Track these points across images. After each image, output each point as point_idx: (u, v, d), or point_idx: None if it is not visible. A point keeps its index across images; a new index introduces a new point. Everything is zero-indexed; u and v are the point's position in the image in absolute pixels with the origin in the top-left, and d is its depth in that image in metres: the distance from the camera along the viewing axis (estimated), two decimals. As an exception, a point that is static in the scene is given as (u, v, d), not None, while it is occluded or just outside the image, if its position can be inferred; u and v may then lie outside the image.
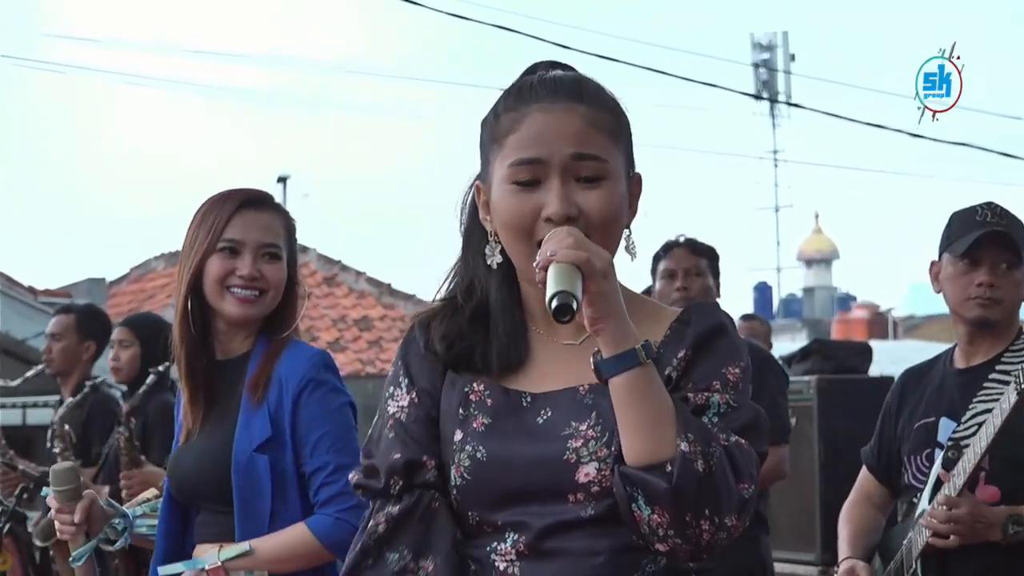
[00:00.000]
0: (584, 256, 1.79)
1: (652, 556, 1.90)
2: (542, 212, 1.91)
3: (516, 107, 1.96)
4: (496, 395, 1.98)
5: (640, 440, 1.81)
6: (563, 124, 1.93)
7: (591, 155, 1.93)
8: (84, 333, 5.76)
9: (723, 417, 1.88)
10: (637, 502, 1.81)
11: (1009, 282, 3.38)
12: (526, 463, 1.91)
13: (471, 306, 2.03)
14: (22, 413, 10.55)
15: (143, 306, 14.24)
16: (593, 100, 1.97)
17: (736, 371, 1.93)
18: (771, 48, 32.11)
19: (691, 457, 1.79)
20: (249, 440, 2.90)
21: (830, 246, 36.55)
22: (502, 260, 1.99)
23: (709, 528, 1.80)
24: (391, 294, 17.32)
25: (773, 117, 33.30)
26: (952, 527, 3.19)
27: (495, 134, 1.97)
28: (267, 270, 2.99)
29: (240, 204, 3.02)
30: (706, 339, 1.94)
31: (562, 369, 1.98)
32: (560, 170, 1.91)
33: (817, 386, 6.59)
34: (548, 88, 1.97)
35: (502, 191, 1.94)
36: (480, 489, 1.94)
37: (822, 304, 34.36)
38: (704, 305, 2.01)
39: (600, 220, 1.91)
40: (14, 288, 12.10)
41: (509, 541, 1.92)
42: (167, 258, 17.21)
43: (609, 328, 1.81)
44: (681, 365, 1.93)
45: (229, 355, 3.03)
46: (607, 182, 1.93)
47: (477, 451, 1.94)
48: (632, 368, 1.81)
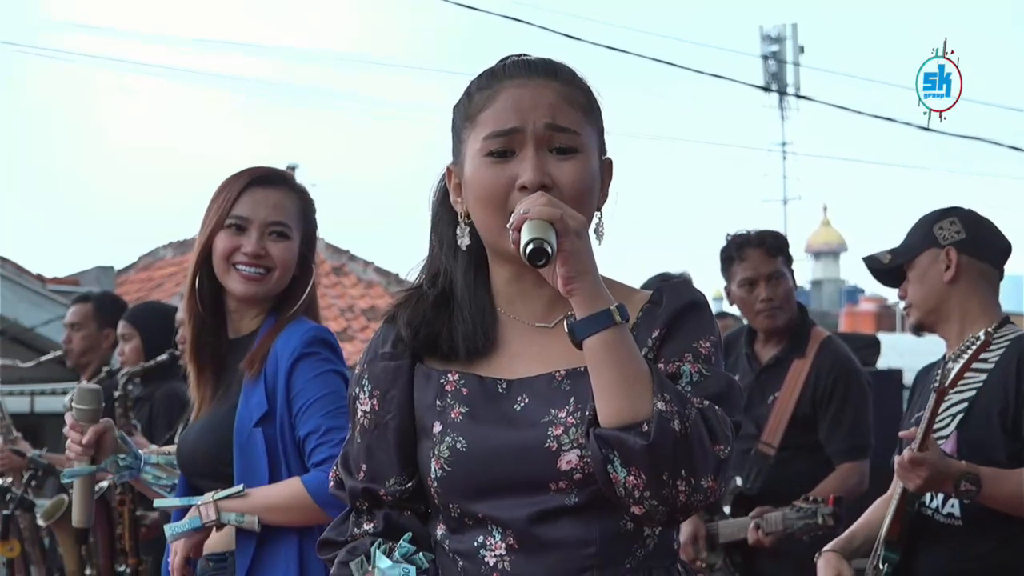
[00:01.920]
0: (558, 213, 1.80)
1: (641, 541, 1.91)
2: (516, 182, 1.91)
3: (490, 85, 1.98)
4: (471, 384, 1.98)
5: (616, 400, 1.80)
6: (537, 96, 1.95)
7: (565, 127, 1.94)
8: (103, 321, 5.76)
9: (695, 386, 1.88)
10: (613, 463, 1.79)
11: (909, 284, 3.49)
12: (506, 452, 1.90)
13: (435, 292, 2.03)
14: (30, 400, 10.58)
15: (151, 294, 14.25)
16: (566, 78, 1.99)
17: (707, 344, 1.93)
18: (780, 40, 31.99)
19: (668, 416, 1.78)
20: (249, 416, 2.90)
21: (838, 239, 36.47)
22: (470, 242, 1.99)
23: (685, 489, 1.79)
24: (399, 284, 17.30)
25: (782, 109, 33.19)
26: (916, 471, 3.19)
27: (468, 113, 1.99)
28: (274, 248, 2.97)
29: (250, 181, 3.00)
30: (677, 316, 1.94)
31: (535, 352, 1.98)
32: (534, 140, 1.93)
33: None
34: (521, 67, 1.99)
35: (476, 164, 1.95)
36: (460, 480, 1.93)
37: (830, 297, 34.30)
38: (676, 284, 2.00)
39: (573, 191, 1.92)
40: (22, 276, 12.12)
41: (498, 535, 1.92)
42: (175, 246, 17.23)
43: (583, 287, 1.81)
44: (656, 344, 1.93)
45: (240, 333, 3.03)
46: (580, 155, 1.95)
47: (457, 441, 1.94)
48: (607, 328, 1.80)
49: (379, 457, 2.01)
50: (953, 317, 3.45)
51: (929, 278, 3.45)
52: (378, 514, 2.02)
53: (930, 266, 3.45)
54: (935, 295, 3.45)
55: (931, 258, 3.45)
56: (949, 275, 3.43)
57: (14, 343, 10.69)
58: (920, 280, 3.47)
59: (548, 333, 1.98)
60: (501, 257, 1.98)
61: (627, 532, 1.90)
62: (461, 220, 2.00)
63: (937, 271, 3.44)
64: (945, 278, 3.44)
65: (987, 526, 3.29)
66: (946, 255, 3.44)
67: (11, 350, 9.06)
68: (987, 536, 3.30)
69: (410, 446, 1.99)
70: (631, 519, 1.87)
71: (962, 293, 3.44)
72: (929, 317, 3.47)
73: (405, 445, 2.00)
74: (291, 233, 3.00)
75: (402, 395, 2.00)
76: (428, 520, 2.02)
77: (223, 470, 2.90)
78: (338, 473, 2.07)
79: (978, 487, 3.17)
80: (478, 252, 2.01)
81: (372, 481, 2.01)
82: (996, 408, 3.29)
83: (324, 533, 2.08)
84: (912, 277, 3.48)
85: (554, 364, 1.95)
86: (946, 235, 3.46)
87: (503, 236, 1.89)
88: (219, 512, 2.84)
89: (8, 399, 5.94)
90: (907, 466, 3.19)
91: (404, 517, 2.01)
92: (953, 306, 3.44)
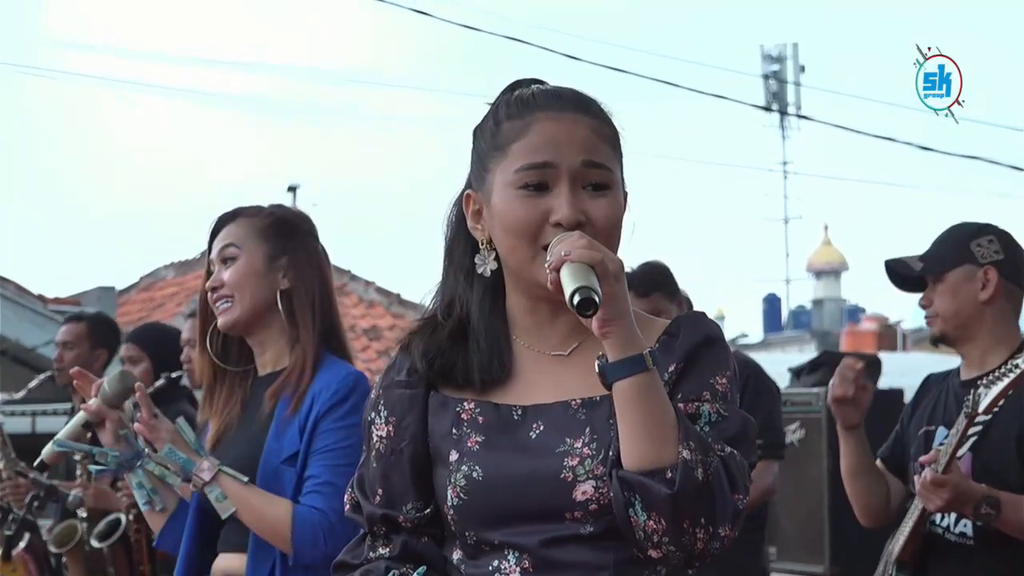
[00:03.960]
0: (599, 256, 1.80)
1: (653, 567, 1.90)
2: (551, 217, 1.91)
3: (521, 115, 1.97)
4: (487, 412, 1.97)
5: (643, 445, 1.81)
6: (573, 132, 1.94)
7: (600, 163, 1.95)
8: (96, 341, 5.75)
9: (714, 427, 1.89)
10: (634, 507, 1.80)
11: (936, 295, 3.46)
12: (522, 481, 1.90)
13: (451, 322, 2.02)
14: (31, 421, 10.57)
15: (152, 315, 14.24)
16: (597, 112, 1.99)
17: (723, 380, 1.93)
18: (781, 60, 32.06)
19: (692, 465, 1.79)
20: (278, 452, 2.91)
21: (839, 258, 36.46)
22: (496, 267, 1.99)
23: (704, 536, 1.81)
24: (400, 304, 17.31)
25: (783, 129, 33.27)
26: (938, 492, 3.18)
27: (497, 142, 1.98)
28: (225, 275, 3.03)
29: (215, 225, 3.09)
30: (695, 350, 1.94)
31: (550, 380, 1.98)
32: (570, 176, 1.93)
33: (826, 398, 6.56)
34: (552, 98, 1.98)
35: (507, 195, 1.94)
36: (477, 508, 1.93)
37: (831, 316, 34.27)
38: (693, 316, 2.00)
39: (606, 228, 1.93)
40: (24, 296, 12.11)
41: (512, 559, 1.92)
42: (177, 267, 17.24)
43: (618, 331, 1.81)
44: (672, 378, 1.92)
45: (265, 369, 3.05)
46: (612, 191, 1.95)
47: (473, 470, 1.94)
48: (640, 372, 1.81)
49: (395, 481, 2.01)
50: (980, 336, 3.44)
51: (964, 294, 3.43)
52: (396, 539, 2.02)
53: (965, 282, 3.43)
54: (967, 312, 3.43)
55: (967, 274, 3.43)
56: (986, 295, 3.42)
57: (15, 363, 10.69)
58: (953, 294, 3.43)
59: (564, 361, 1.99)
60: (523, 286, 1.98)
61: (640, 559, 1.88)
62: (483, 247, 2.00)
63: (973, 289, 3.42)
64: (981, 297, 3.42)
65: (999, 547, 3.28)
66: (984, 274, 3.42)
67: (12, 370, 9.06)
68: (999, 557, 3.29)
69: (425, 473, 2.00)
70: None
71: (995, 314, 3.43)
72: (956, 332, 3.45)
73: (420, 472, 2.00)
74: (239, 254, 3.03)
75: (416, 425, 2.00)
76: (444, 544, 2.02)
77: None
78: (354, 496, 2.07)
79: (997, 511, 3.17)
80: (494, 280, 2.01)
81: (389, 506, 2.02)
82: (1013, 434, 3.28)
83: (339, 555, 2.08)
84: (943, 289, 3.44)
85: (570, 392, 1.95)
86: (985, 253, 3.43)
87: (533, 267, 1.91)
88: (214, 479, 2.86)
89: (9, 420, 5.92)
90: (929, 487, 3.18)
91: (422, 544, 2.01)
92: (982, 326, 3.43)
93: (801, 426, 6.69)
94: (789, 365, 8.14)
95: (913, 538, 3.35)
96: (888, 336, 25.24)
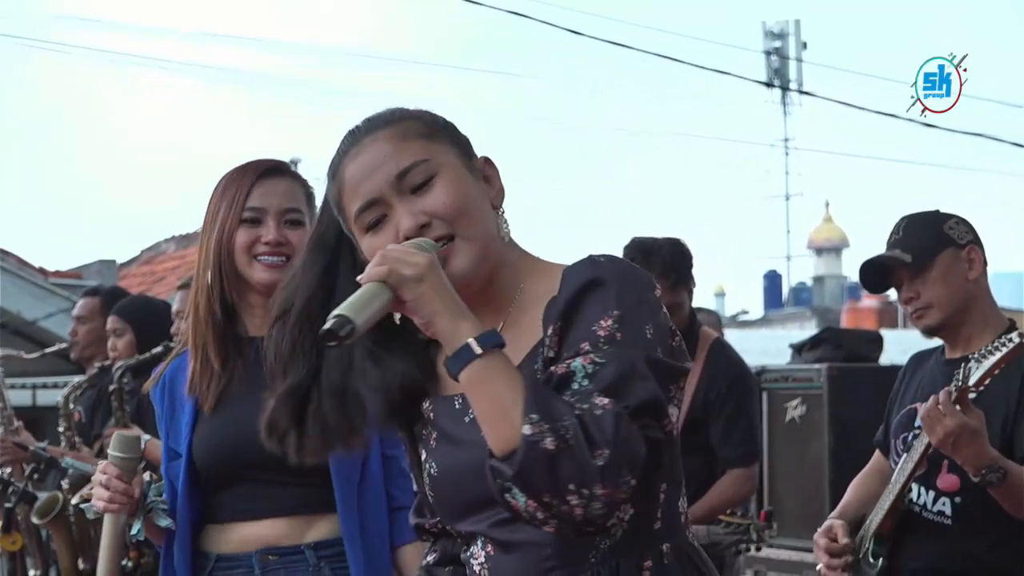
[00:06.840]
0: (383, 270, 1.80)
1: (591, 540, 1.88)
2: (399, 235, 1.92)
3: (334, 172, 2.01)
4: (438, 406, 2.01)
5: (493, 430, 1.77)
6: (374, 156, 1.96)
7: (410, 165, 1.94)
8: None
9: (592, 378, 1.78)
10: (511, 491, 1.75)
11: (926, 285, 3.43)
12: (463, 473, 1.94)
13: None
14: (32, 394, 10.58)
15: (153, 288, 14.24)
16: (393, 119, 2.00)
17: (608, 322, 1.83)
18: (783, 36, 32.04)
19: (536, 438, 1.71)
20: None
21: (840, 235, 36.53)
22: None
23: (580, 502, 1.73)
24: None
25: (784, 105, 33.31)
26: (943, 422, 3.13)
27: (338, 203, 2.00)
28: (292, 235, 2.96)
29: (259, 174, 2.99)
30: (572, 303, 1.87)
31: None
32: (395, 193, 1.94)
33: (827, 374, 6.57)
34: (349, 137, 2.01)
35: (365, 241, 1.96)
36: (442, 504, 2.01)
37: (832, 293, 34.35)
38: (576, 265, 1.92)
39: (450, 211, 1.92)
40: (25, 269, 12.12)
41: (479, 544, 1.97)
42: (177, 240, 17.22)
43: (440, 328, 1.81)
44: (554, 341, 1.87)
45: (260, 331, 2.90)
46: (438, 177, 1.95)
47: (431, 467, 2.01)
48: (471, 361, 1.78)
49: (421, 491, 2.10)
50: (971, 317, 3.44)
51: (953, 276, 3.43)
52: (437, 545, 2.14)
53: (953, 264, 3.43)
54: (961, 294, 3.43)
55: (952, 256, 3.43)
56: (975, 273, 3.43)
57: (16, 336, 10.68)
58: (944, 279, 3.43)
59: None
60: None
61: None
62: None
63: (961, 270, 3.43)
64: (971, 276, 3.43)
65: (977, 527, 3.28)
66: (968, 254, 3.43)
67: (13, 343, 9.03)
68: (977, 536, 3.29)
69: None
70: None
71: (982, 290, 3.46)
72: (952, 317, 3.44)
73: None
74: (304, 220, 3.00)
75: (408, 434, 2.07)
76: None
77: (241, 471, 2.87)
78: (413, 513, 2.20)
79: (1001, 480, 3.15)
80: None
81: (420, 515, 2.14)
82: (998, 419, 3.27)
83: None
84: (933, 277, 3.43)
85: None
86: (959, 234, 3.45)
87: None
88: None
89: (10, 392, 5.92)
90: (937, 412, 3.13)
91: (456, 545, 2.08)
92: (975, 305, 3.44)
93: (802, 402, 6.69)
94: (790, 342, 8.16)
95: (892, 513, 3.37)
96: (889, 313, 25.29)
